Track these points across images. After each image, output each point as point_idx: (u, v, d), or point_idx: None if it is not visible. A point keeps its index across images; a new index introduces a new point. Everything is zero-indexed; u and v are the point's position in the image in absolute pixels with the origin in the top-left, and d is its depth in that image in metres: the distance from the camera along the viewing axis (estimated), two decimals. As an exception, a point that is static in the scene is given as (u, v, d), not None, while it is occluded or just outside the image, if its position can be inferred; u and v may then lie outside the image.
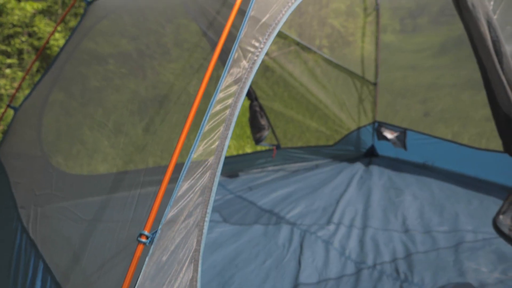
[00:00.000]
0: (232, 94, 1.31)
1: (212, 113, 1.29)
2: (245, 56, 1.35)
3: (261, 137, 3.88)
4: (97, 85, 3.18)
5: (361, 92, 4.24)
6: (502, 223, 1.98)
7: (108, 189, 2.29)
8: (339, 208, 3.26)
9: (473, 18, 1.71)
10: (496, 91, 1.81)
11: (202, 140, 1.26)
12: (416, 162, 4.12)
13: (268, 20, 1.39)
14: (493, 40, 1.74)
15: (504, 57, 1.77)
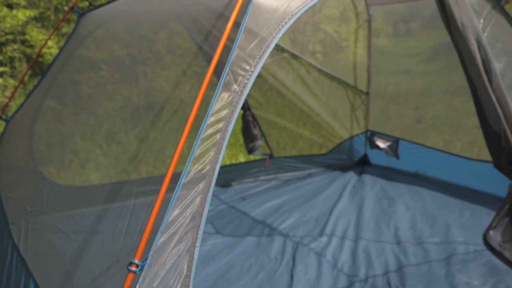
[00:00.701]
0: (223, 118, 1.31)
1: (203, 137, 1.29)
2: (236, 80, 1.35)
3: (254, 147, 3.88)
4: (89, 92, 3.17)
5: (354, 101, 4.26)
6: (492, 238, 1.99)
7: (100, 201, 2.29)
8: (332, 219, 3.27)
9: (463, 38, 1.72)
10: (486, 109, 1.82)
11: (193, 164, 1.26)
12: (408, 171, 4.13)
13: (259, 43, 1.39)
14: (482, 59, 1.75)
15: (493, 76, 1.78)
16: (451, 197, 3.58)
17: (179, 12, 2.56)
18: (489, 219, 3.12)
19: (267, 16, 1.42)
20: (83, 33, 2.89)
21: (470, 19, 1.71)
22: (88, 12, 2.92)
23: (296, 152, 4.35)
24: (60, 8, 8.01)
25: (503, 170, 1.97)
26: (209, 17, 1.93)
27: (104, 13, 2.92)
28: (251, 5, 1.42)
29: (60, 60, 2.93)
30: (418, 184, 3.88)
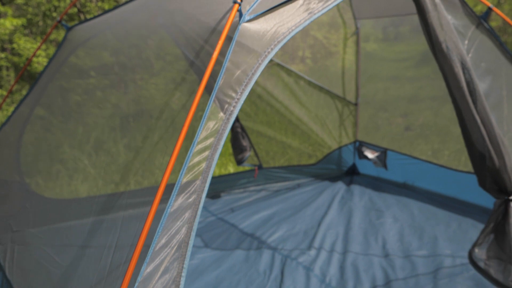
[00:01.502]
0: (209, 146, 1.31)
1: (189, 166, 1.29)
2: (222, 108, 1.35)
3: (243, 158, 3.89)
4: (78, 99, 3.15)
5: (342, 112, 4.28)
6: (477, 256, 2.01)
7: (89, 214, 2.27)
8: (320, 231, 3.28)
9: (447, 60, 1.74)
10: (470, 130, 1.85)
11: (180, 193, 1.26)
12: (396, 181, 4.16)
13: (245, 70, 1.40)
14: (467, 81, 1.78)
15: (478, 97, 1.80)
16: (439, 208, 3.61)
17: (169, 26, 2.56)
18: (475, 231, 3.17)
19: (254, 43, 1.43)
20: (70, 47, 2.88)
21: (454, 42, 1.73)
22: (76, 26, 2.91)
23: (285, 162, 4.36)
24: (49, 14, 7.98)
25: (487, 188, 1.99)
26: (202, 32, 1.92)
27: (91, 27, 2.91)
28: (237, 31, 1.43)
29: (47, 74, 2.91)
30: (406, 195, 3.91)
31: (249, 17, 1.45)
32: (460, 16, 1.89)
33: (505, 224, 2.01)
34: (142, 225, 1.54)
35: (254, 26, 1.46)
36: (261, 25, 1.46)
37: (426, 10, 1.68)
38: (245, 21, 1.44)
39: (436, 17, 1.69)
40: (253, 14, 1.46)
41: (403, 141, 4.40)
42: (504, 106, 2.12)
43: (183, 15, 2.31)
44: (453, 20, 1.84)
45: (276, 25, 1.46)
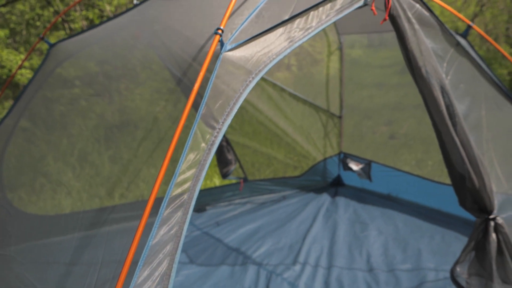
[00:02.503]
0: (191, 178, 1.32)
1: (171, 197, 1.30)
2: (204, 138, 1.36)
3: (228, 171, 3.90)
4: (62, 109, 3.12)
5: (327, 124, 4.31)
6: (459, 274, 2.04)
7: (73, 229, 2.26)
8: (305, 245, 3.29)
9: (427, 84, 1.77)
10: (450, 152, 1.88)
11: (161, 226, 1.27)
12: (381, 193, 4.19)
13: (227, 99, 1.41)
14: (446, 104, 1.81)
15: (457, 120, 1.84)
16: (423, 221, 3.64)
17: (155, 45, 2.56)
18: (458, 243, 3.21)
19: (235, 72, 1.44)
20: (52, 65, 2.86)
21: (433, 67, 1.76)
22: (59, 43, 2.89)
23: (270, 174, 4.37)
24: (32, 23, 7.92)
25: (468, 208, 2.02)
26: (189, 50, 1.93)
27: (74, 44, 2.90)
28: (219, 61, 1.44)
29: (31, 90, 2.89)
30: (390, 207, 3.94)
31: (231, 46, 1.46)
32: (439, 39, 1.92)
33: (485, 242, 2.05)
34: (128, 240, 1.54)
35: (235, 55, 1.47)
36: (243, 54, 1.47)
37: (405, 36, 1.71)
38: (227, 50, 1.45)
39: (416, 43, 1.72)
40: (234, 43, 1.47)
41: (388, 151, 4.44)
42: (483, 125, 2.16)
43: (170, 33, 2.32)
44: (432, 44, 1.87)
45: (258, 54, 1.48)
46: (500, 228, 2.02)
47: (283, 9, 1.62)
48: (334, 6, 1.59)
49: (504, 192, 2.19)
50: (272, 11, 1.64)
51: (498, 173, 2.20)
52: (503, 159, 2.24)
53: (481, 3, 12.42)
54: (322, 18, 1.57)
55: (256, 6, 1.68)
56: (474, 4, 12.63)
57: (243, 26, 1.58)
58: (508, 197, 2.17)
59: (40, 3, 8.04)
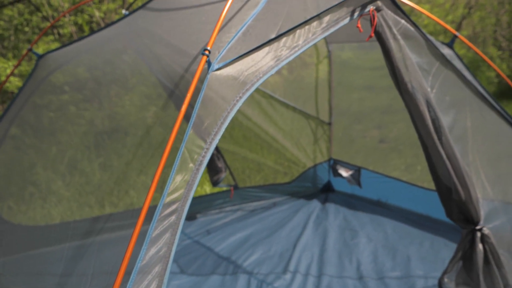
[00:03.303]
0: (179, 198, 1.33)
1: (159, 218, 1.31)
2: (192, 158, 1.37)
3: (219, 179, 3.91)
4: (51, 116, 3.11)
5: (316, 131, 4.33)
6: (446, 285, 2.06)
7: (64, 239, 2.25)
8: (296, 253, 3.30)
9: (413, 99, 1.79)
10: (436, 165, 1.90)
11: (150, 247, 1.27)
12: (370, 198, 4.22)
13: (215, 119, 1.42)
14: (432, 118, 1.83)
15: (443, 134, 1.86)
16: (412, 227, 3.67)
17: (145, 54, 2.57)
18: (447, 250, 3.24)
19: (222, 92, 1.45)
20: (41, 77, 2.85)
21: (419, 82, 1.79)
22: (47, 54, 2.88)
23: (260, 180, 4.39)
24: (21, 28, 7.87)
25: (454, 219, 2.05)
26: (181, 61, 1.94)
27: (63, 55, 2.89)
28: (206, 80, 1.45)
29: (19, 101, 2.87)
30: (380, 213, 3.97)
31: (218, 65, 1.48)
32: (424, 53, 1.95)
33: (472, 252, 2.08)
34: (119, 250, 1.54)
35: (223, 75, 1.48)
36: (230, 73, 1.48)
37: (391, 52, 1.73)
38: (214, 70, 1.47)
39: (401, 59, 1.75)
40: (222, 63, 1.48)
41: (377, 155, 4.47)
42: (469, 136, 2.19)
43: (160, 44, 2.33)
44: (417, 59, 1.89)
45: (245, 73, 1.49)
46: (486, 238, 2.05)
47: (270, 28, 1.63)
48: (321, 24, 1.61)
49: (489, 199, 2.22)
50: (259, 29, 1.65)
51: (484, 182, 2.23)
52: (489, 168, 2.27)
53: (469, 5, 12.52)
54: (309, 36, 1.58)
55: (243, 23, 1.70)
56: (462, 6, 12.74)
57: (231, 44, 1.60)
58: (494, 207, 2.20)
59: (29, 9, 7.99)
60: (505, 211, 2.27)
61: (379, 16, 1.70)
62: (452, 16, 13.02)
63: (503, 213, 2.25)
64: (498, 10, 10.54)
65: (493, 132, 2.38)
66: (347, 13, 1.65)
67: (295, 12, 1.70)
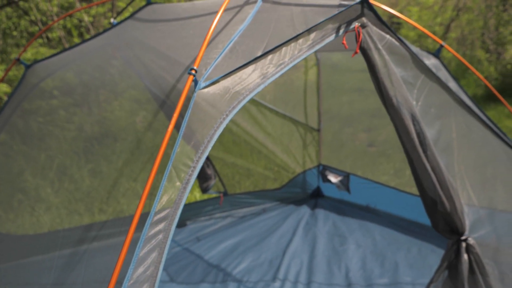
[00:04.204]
0: (166, 218, 1.34)
1: (147, 237, 1.31)
2: (179, 176, 1.38)
3: (208, 186, 3.91)
4: (40, 121, 3.10)
5: (305, 137, 4.36)
6: (432, 295, 2.09)
7: (53, 248, 2.25)
8: (285, 260, 3.32)
9: (398, 114, 1.82)
10: (421, 177, 1.93)
11: (137, 267, 1.28)
12: (359, 204, 4.25)
13: (202, 137, 1.43)
14: (417, 132, 1.86)
15: (428, 147, 1.89)
16: (400, 233, 3.71)
17: (134, 63, 2.57)
18: (434, 256, 3.28)
19: (209, 110, 1.47)
20: (29, 86, 2.84)
21: (404, 96, 1.81)
22: (35, 64, 2.88)
23: (250, 186, 4.40)
24: (9, 32, 7.82)
25: (440, 230, 2.08)
26: (173, 71, 1.95)
27: (51, 65, 2.89)
28: (193, 99, 1.46)
29: (7, 112, 2.86)
30: (369, 218, 4.00)
31: (205, 83, 1.49)
32: (409, 67, 1.97)
33: (457, 262, 2.11)
34: (110, 259, 1.54)
35: (209, 93, 1.49)
36: (217, 92, 1.50)
37: (376, 68, 1.75)
38: (201, 88, 1.48)
39: (386, 74, 1.77)
40: (208, 81, 1.49)
41: (367, 160, 4.49)
42: (455, 147, 2.22)
43: (149, 53, 2.34)
44: (403, 73, 1.92)
45: (231, 91, 1.50)
46: (471, 248, 2.08)
47: (257, 44, 1.65)
48: (306, 41, 1.62)
49: (475, 207, 2.26)
50: (245, 45, 1.67)
51: (470, 191, 2.26)
52: (474, 177, 2.30)
53: (458, 8, 12.62)
54: (295, 54, 1.60)
55: (230, 39, 1.71)
56: (451, 9, 12.85)
57: (218, 61, 1.61)
58: (479, 217, 2.23)
59: (17, 12, 7.94)
60: (490, 220, 2.31)
61: (364, 32, 1.72)
62: (441, 18, 13.13)
63: (488, 223, 2.29)
64: (486, 13, 10.64)
65: (478, 142, 2.41)
66: (333, 30, 1.67)
67: (281, 28, 1.72)
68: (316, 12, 1.73)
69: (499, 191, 2.43)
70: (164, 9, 2.67)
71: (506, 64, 9.50)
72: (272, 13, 1.85)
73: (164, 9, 2.67)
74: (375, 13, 1.77)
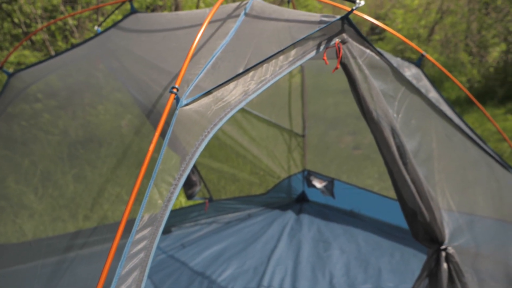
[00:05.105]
0: (147, 236, 1.35)
1: (128, 256, 1.32)
2: (161, 194, 1.39)
3: (193, 193, 3.92)
4: (24, 125, 3.08)
5: (290, 143, 4.39)
6: (414, 303, 2.12)
7: (35, 257, 2.24)
8: (270, 267, 3.34)
9: (378, 127, 1.84)
10: (401, 189, 1.96)
11: (119, 285, 1.29)
12: (344, 209, 4.28)
13: (183, 155, 1.45)
14: (397, 145, 1.89)
15: (408, 159, 1.92)
16: (383, 238, 3.75)
17: (118, 70, 2.57)
18: (416, 261, 3.32)
19: (191, 127, 1.48)
20: (12, 94, 2.83)
21: (384, 110, 1.84)
22: (18, 73, 2.86)
23: (235, 191, 4.41)
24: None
25: (420, 240, 2.12)
26: (161, 79, 1.96)
27: (35, 73, 2.88)
28: (174, 117, 1.47)
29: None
30: (353, 223, 4.04)
31: (186, 101, 1.50)
32: (390, 80, 2.00)
33: (437, 271, 2.14)
34: (94, 268, 1.54)
35: (191, 109, 1.50)
36: (199, 108, 1.51)
37: (356, 83, 1.78)
38: (183, 106, 1.49)
39: (366, 89, 1.80)
40: (190, 98, 1.51)
41: (351, 164, 4.53)
42: (435, 157, 2.25)
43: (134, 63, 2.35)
44: (383, 86, 1.95)
45: (214, 108, 1.52)
46: (451, 257, 2.12)
47: (239, 60, 1.66)
48: (288, 58, 1.64)
49: (455, 216, 2.30)
50: (228, 61, 1.68)
51: (449, 200, 2.30)
52: (454, 186, 2.35)
53: (441, 11, 12.76)
54: (276, 70, 1.62)
55: (213, 55, 1.72)
56: (435, 11, 12.99)
57: (200, 77, 1.62)
58: (459, 226, 2.27)
59: (0, 15, 7.86)
60: (470, 228, 2.35)
61: (345, 48, 1.74)
62: (425, 21, 13.26)
63: (468, 231, 2.33)
64: (469, 17, 10.78)
65: (458, 151, 2.45)
66: (314, 46, 1.69)
67: (263, 44, 1.74)
68: (298, 28, 1.76)
69: (478, 197, 2.48)
70: (148, 18, 2.67)
71: (489, 67, 9.64)
72: (254, 28, 1.87)
73: (148, 18, 2.67)
74: (355, 28, 1.80)
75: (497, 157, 2.62)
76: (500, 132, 2.89)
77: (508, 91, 8.82)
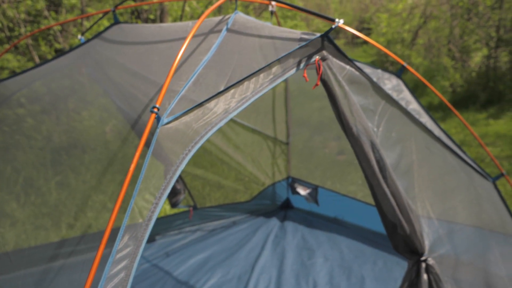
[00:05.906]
0: (128, 255, 1.35)
1: (108, 276, 1.33)
2: (141, 213, 1.40)
3: (177, 201, 3.91)
4: (6, 130, 3.05)
5: (274, 150, 4.41)
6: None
7: (16, 267, 2.22)
8: (254, 276, 3.36)
9: (358, 142, 1.87)
10: (382, 202, 1.99)
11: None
12: (328, 216, 4.31)
13: (164, 173, 1.45)
14: (377, 159, 1.92)
15: (387, 173, 1.95)
16: (366, 245, 3.79)
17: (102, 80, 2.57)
18: (399, 268, 3.36)
19: (172, 146, 1.49)
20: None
21: (363, 125, 1.87)
22: (2, 81, 2.84)
23: (220, 198, 4.42)
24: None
25: (400, 251, 2.14)
26: (146, 89, 1.96)
27: (18, 82, 2.86)
28: (155, 136, 1.48)
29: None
30: (336, 231, 4.07)
31: (168, 119, 1.51)
32: (370, 94, 2.03)
33: (418, 282, 2.17)
34: (78, 276, 1.53)
35: (172, 128, 1.51)
36: (180, 127, 1.52)
37: (336, 99, 1.80)
38: (164, 124, 1.50)
39: (346, 105, 1.82)
40: (171, 116, 1.52)
41: (335, 170, 4.57)
42: (415, 169, 2.29)
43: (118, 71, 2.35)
44: (363, 101, 1.98)
45: (195, 126, 1.53)
46: (431, 269, 2.15)
47: (220, 77, 1.68)
48: (268, 75, 1.66)
49: (435, 226, 2.33)
50: (209, 78, 1.70)
51: (430, 211, 2.34)
52: (434, 196, 2.39)
53: (425, 15, 12.91)
54: (257, 88, 1.64)
55: (195, 71, 1.74)
56: (418, 16, 13.14)
57: (181, 94, 1.63)
58: (439, 237, 2.31)
59: (-18, 19, 7.77)
60: (450, 238, 2.39)
61: (325, 65, 1.77)
62: (409, 25, 13.40)
63: (448, 241, 2.37)
64: (451, 22, 10.92)
65: (437, 162, 2.50)
66: (294, 64, 1.71)
67: (244, 61, 1.76)
68: (279, 45, 1.78)
69: (458, 206, 2.53)
70: (131, 30, 2.68)
71: (471, 71, 9.77)
72: (236, 44, 1.89)
73: (131, 29, 2.68)
74: (335, 45, 1.82)
75: (475, 166, 2.67)
76: (477, 139, 2.93)
77: (490, 96, 8.96)
